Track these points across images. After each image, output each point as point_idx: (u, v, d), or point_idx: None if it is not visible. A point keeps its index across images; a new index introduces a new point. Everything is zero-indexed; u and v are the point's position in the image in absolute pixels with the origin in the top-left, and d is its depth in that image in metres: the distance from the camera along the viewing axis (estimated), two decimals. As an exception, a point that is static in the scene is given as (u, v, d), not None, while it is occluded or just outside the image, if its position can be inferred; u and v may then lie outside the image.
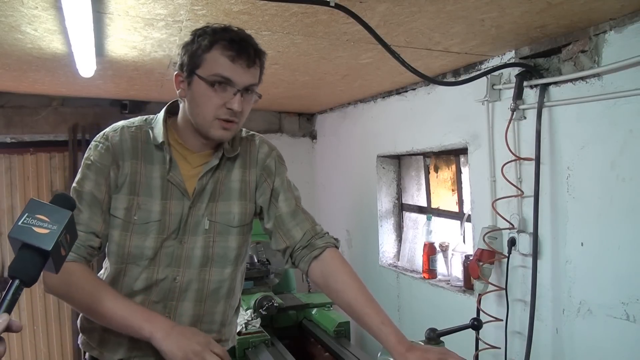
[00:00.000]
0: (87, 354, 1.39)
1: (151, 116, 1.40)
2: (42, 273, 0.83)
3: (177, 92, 1.30)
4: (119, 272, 1.33)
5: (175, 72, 1.29)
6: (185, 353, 1.15)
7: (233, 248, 1.37)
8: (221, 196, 1.36)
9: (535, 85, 1.84)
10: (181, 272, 1.32)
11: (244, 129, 1.47)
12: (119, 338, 1.32)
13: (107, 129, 1.36)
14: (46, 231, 0.82)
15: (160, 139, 1.31)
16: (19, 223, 0.82)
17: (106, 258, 1.38)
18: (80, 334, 1.40)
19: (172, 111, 1.38)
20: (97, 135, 1.36)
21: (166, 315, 1.32)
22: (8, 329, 0.76)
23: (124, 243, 1.30)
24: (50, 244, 0.82)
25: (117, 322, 1.22)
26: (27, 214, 0.83)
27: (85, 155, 1.34)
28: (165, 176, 1.32)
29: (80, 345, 1.41)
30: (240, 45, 1.23)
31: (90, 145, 1.34)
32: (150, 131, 1.34)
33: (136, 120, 1.39)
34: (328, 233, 1.39)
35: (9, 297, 0.79)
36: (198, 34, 1.25)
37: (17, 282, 0.80)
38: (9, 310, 0.78)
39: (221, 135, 1.28)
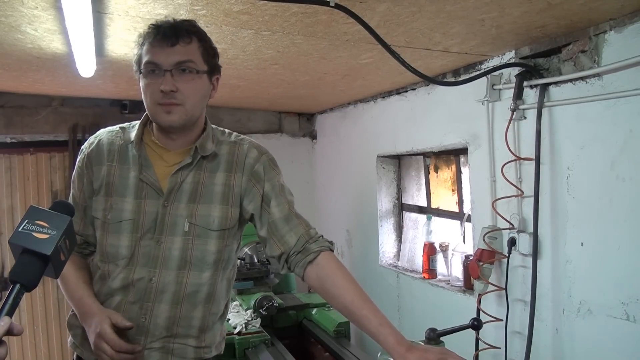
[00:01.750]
0: (74, 353, 1.40)
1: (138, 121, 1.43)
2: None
3: None
4: (104, 273, 1.35)
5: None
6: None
7: (212, 252, 1.35)
8: (202, 198, 1.34)
9: (535, 85, 1.84)
10: (157, 273, 1.32)
11: (234, 133, 1.46)
12: None
13: (92, 135, 1.44)
14: (46, 236, 0.84)
15: (131, 139, 1.36)
16: (19, 229, 0.84)
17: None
18: (69, 334, 1.42)
19: None
20: (86, 141, 1.44)
21: (142, 316, 1.32)
22: (9, 332, 0.78)
23: (102, 242, 1.35)
24: (50, 248, 0.83)
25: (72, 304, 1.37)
26: (26, 220, 0.85)
27: None
28: (139, 176, 1.34)
29: (69, 345, 1.42)
30: (159, 29, 1.26)
31: None
32: (128, 133, 1.39)
33: (124, 124, 1.44)
34: (322, 236, 1.37)
35: (10, 301, 0.81)
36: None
37: (17, 286, 0.82)
38: (10, 314, 0.80)
39: (165, 119, 1.29)
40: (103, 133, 1.42)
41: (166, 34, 1.25)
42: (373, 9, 1.49)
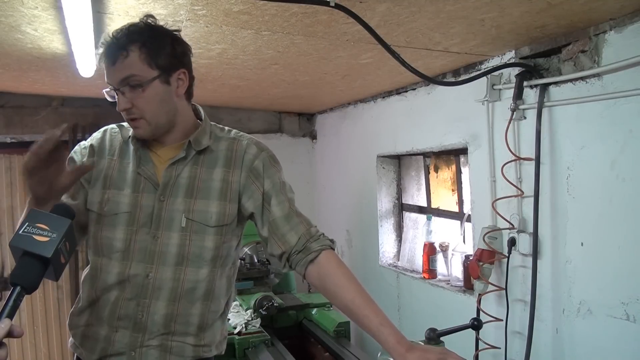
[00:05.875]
0: (75, 355, 1.40)
1: None
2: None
3: None
4: (96, 267, 1.34)
5: None
6: None
7: (209, 248, 1.34)
8: (199, 194, 1.34)
9: (535, 85, 1.84)
10: (154, 269, 1.31)
11: (234, 130, 1.46)
12: (96, 335, 1.33)
13: (96, 132, 1.46)
14: (46, 239, 0.84)
15: (129, 135, 1.39)
16: (20, 232, 0.84)
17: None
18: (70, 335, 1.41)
19: None
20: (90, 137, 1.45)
21: (139, 313, 1.31)
22: (9, 334, 0.78)
23: (96, 235, 1.34)
24: (50, 251, 0.84)
25: None
26: (27, 223, 0.85)
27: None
28: (136, 169, 1.35)
29: (69, 346, 1.41)
30: (104, 47, 1.26)
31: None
32: (126, 131, 1.41)
33: (122, 122, 1.44)
34: (323, 234, 1.37)
35: (10, 303, 0.81)
36: None
37: (18, 288, 0.83)
38: (10, 316, 0.80)
39: (135, 133, 1.34)
40: (107, 130, 1.45)
41: (108, 53, 1.25)
42: (373, 9, 1.49)
